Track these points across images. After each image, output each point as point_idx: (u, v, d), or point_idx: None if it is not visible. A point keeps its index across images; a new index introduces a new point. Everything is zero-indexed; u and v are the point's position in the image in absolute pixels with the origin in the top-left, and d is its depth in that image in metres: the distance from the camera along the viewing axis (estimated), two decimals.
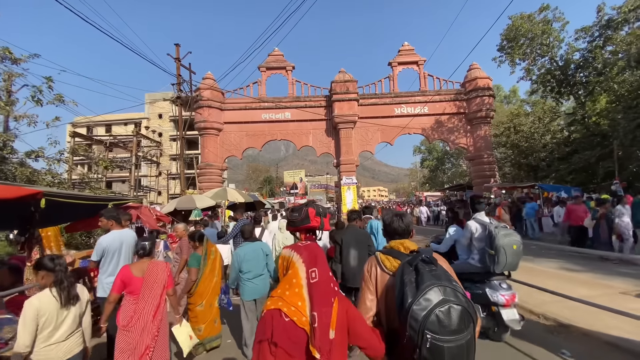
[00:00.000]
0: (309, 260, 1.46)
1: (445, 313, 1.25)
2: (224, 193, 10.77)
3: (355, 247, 4.03)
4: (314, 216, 2.69)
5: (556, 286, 4.90)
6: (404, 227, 1.76)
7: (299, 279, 1.43)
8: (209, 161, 21.48)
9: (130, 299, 2.73)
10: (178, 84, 11.20)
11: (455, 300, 1.29)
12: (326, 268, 1.50)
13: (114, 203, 4.31)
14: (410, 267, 1.41)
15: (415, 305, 1.27)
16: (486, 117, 21.70)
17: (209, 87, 21.67)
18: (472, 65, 22.58)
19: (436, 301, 1.27)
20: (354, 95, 21.41)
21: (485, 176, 21.37)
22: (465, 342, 1.27)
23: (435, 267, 1.41)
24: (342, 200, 21.12)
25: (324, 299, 1.38)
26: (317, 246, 1.60)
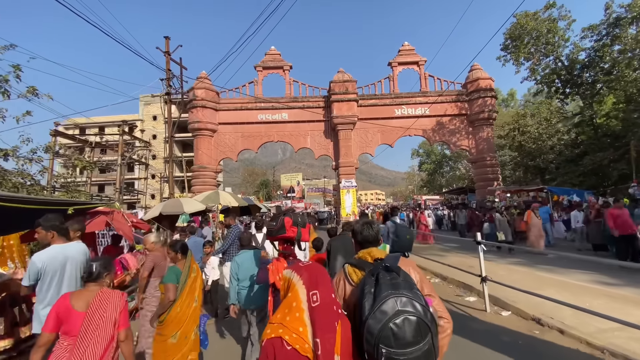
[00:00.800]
0: (309, 282, 1.38)
1: (399, 325, 1.22)
2: (216, 196, 9.98)
3: (343, 254, 4.01)
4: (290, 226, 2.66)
5: (608, 307, 4.19)
6: (374, 234, 1.73)
7: (299, 302, 1.35)
8: (202, 163, 20.65)
9: (65, 342, 1.94)
10: (167, 79, 10.44)
11: (411, 310, 1.24)
12: (329, 290, 1.41)
13: (75, 208, 3.51)
14: (372, 277, 1.37)
15: (371, 318, 1.24)
16: (489, 119, 21.14)
17: (203, 87, 20.92)
18: (473, 65, 22.06)
19: (391, 313, 1.23)
20: (354, 96, 20.76)
21: (488, 179, 20.75)
22: (422, 353, 1.23)
23: (398, 275, 1.37)
24: (341, 203, 20.36)
25: (326, 324, 1.32)
26: (318, 266, 1.50)
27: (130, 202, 34.98)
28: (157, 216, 7.62)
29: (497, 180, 20.92)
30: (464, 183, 46.45)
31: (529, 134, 15.84)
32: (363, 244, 1.73)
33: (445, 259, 7.83)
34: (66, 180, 10.30)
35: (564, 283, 5.90)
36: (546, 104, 16.71)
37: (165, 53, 10.67)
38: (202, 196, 10.21)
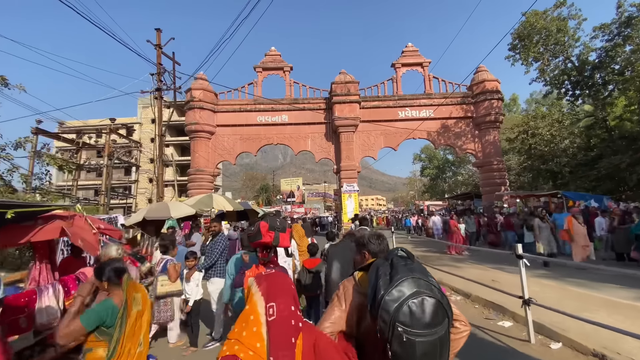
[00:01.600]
0: (267, 293, 1.26)
1: (418, 305, 1.16)
2: (209, 200, 9.25)
3: (340, 260, 3.98)
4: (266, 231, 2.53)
5: None
6: (386, 244, 1.74)
7: (257, 315, 1.24)
8: (199, 166, 19.95)
9: None
10: (158, 74, 9.76)
11: (429, 292, 1.19)
12: (288, 302, 1.27)
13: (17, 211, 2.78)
14: (387, 262, 1.33)
15: (388, 295, 1.18)
16: (495, 122, 20.47)
17: (201, 87, 20.32)
18: (479, 67, 21.47)
19: (409, 292, 1.18)
20: (356, 97, 20.13)
21: (495, 184, 20.00)
22: (438, 337, 1.16)
23: (412, 261, 1.33)
24: (342, 209, 19.59)
25: (282, 341, 1.20)
26: (281, 275, 1.38)
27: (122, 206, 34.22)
28: (140, 221, 6.87)
29: (505, 185, 20.17)
30: (467, 188, 45.81)
31: (541, 136, 15.13)
32: (377, 255, 1.68)
33: (462, 271, 7.02)
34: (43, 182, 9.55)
35: (610, 302, 5.05)
36: (557, 105, 16.03)
37: (156, 46, 9.97)
38: (193, 200, 9.49)
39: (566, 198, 12.48)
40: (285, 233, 2.74)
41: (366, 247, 1.71)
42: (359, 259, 1.75)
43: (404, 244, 11.96)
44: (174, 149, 42.28)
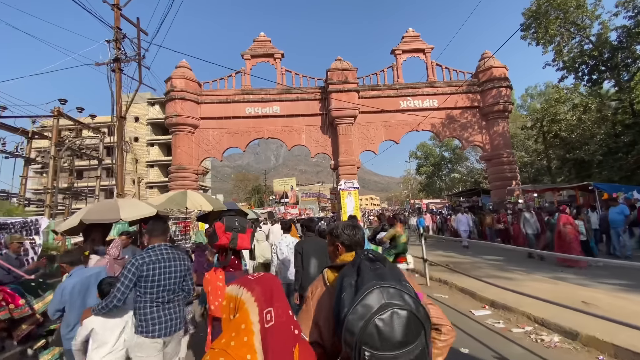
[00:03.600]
0: (263, 298, 1.13)
1: (386, 321, 0.98)
2: (182, 198, 7.38)
3: (315, 255, 4.00)
4: (222, 232, 2.63)
5: None
6: (361, 236, 1.53)
7: (249, 323, 1.10)
8: (181, 163, 17.93)
9: None
10: (116, 41, 7.82)
11: (400, 303, 1.00)
12: (285, 306, 1.16)
13: None
14: (353, 268, 1.15)
15: (351, 314, 1.00)
16: (504, 111, 18.99)
17: (183, 76, 18.34)
18: (484, 53, 19.99)
19: (376, 306, 0.99)
20: (354, 86, 18.39)
21: (505, 178, 18.49)
22: (414, 357, 0.99)
23: (383, 264, 1.14)
24: (341, 207, 17.80)
25: (281, 349, 1.06)
26: (272, 277, 1.25)
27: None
28: (75, 226, 4.95)
29: (516, 179, 18.67)
30: (464, 186, 44.61)
31: (566, 122, 13.64)
32: (351, 247, 1.49)
33: (523, 286, 5.21)
34: None
35: None
36: (575, 90, 14.63)
37: (114, 6, 7.99)
38: (163, 197, 7.58)
39: (599, 190, 10.96)
40: (245, 234, 2.65)
41: (339, 239, 1.51)
42: (332, 250, 1.56)
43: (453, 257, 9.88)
44: (159, 148, 39.95)
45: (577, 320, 3.77)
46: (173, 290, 2.51)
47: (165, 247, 2.56)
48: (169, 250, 2.57)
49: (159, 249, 2.54)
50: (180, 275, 2.54)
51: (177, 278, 2.53)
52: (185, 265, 2.61)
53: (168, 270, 2.47)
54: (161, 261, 2.47)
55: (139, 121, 39.27)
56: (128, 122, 38.82)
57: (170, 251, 2.57)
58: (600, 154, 12.24)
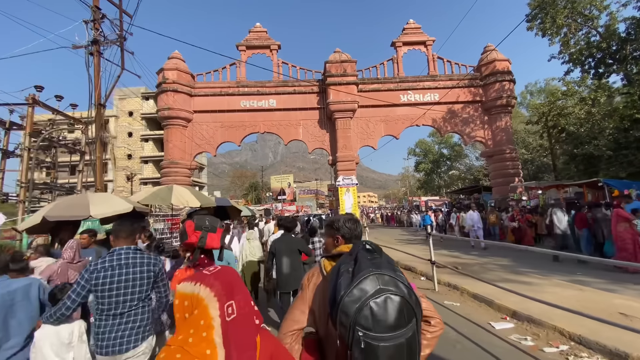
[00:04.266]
0: (224, 292, 1.09)
1: (380, 305, 1.03)
2: (167, 193, 6.80)
3: (287, 254, 4.17)
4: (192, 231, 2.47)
5: None
6: (360, 229, 1.60)
7: (208, 319, 1.04)
8: (174, 158, 17.28)
9: None
10: (94, 22, 7.13)
11: (394, 289, 1.06)
12: (247, 297, 1.13)
13: None
14: (350, 257, 1.20)
15: (347, 296, 1.04)
16: (507, 106, 18.47)
17: (175, 68, 17.64)
18: (487, 46, 19.43)
19: (371, 291, 1.04)
20: (353, 78, 17.77)
21: (507, 174, 18.01)
22: (405, 340, 1.04)
23: (379, 255, 1.20)
24: (340, 204, 17.24)
25: (245, 341, 1.06)
26: (230, 270, 1.20)
27: None
28: (38, 224, 4.35)
29: (519, 175, 18.20)
30: (463, 183, 44.20)
31: (574, 115, 13.09)
32: (350, 240, 1.51)
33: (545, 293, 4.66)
34: None
35: None
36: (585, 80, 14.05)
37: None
38: (145, 192, 6.99)
39: (609, 187, 10.46)
40: (216, 233, 2.55)
41: (340, 232, 1.54)
42: (331, 242, 1.58)
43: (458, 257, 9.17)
44: (154, 143, 39.12)
45: (621, 337, 3.18)
46: (130, 301, 2.13)
47: (128, 251, 2.20)
48: (131, 255, 2.20)
49: (119, 253, 2.17)
50: (143, 283, 2.19)
51: (138, 287, 2.17)
52: (152, 272, 2.23)
53: (125, 278, 2.12)
54: (117, 267, 2.12)
55: (133, 116, 38.40)
56: (122, 117, 38.09)
57: (133, 256, 2.20)
58: (609, 149, 11.73)
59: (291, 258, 4.18)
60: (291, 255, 4.20)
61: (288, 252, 4.21)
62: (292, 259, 4.18)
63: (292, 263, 4.15)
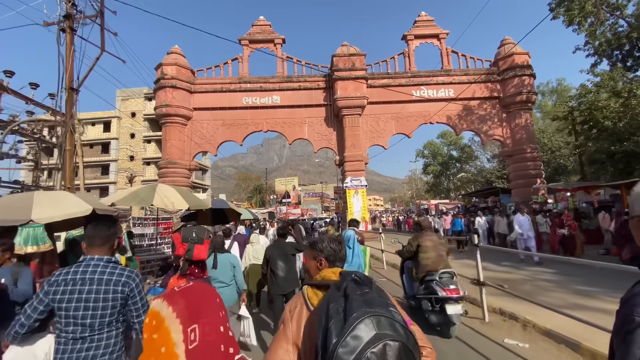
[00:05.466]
0: (187, 313, 1.03)
1: (378, 354, 0.90)
2: (149, 193, 5.77)
3: (281, 259, 4.28)
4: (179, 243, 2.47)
5: None
6: (344, 251, 1.47)
7: (170, 345, 1.00)
8: (172, 158, 16.33)
9: None
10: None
11: (392, 334, 0.94)
12: (215, 321, 1.07)
13: None
14: (338, 292, 1.06)
15: (341, 347, 0.91)
16: (527, 102, 17.23)
17: (174, 63, 16.75)
18: (504, 39, 18.24)
19: (367, 338, 0.92)
20: (362, 73, 16.68)
21: (529, 176, 16.72)
22: None
23: (369, 288, 1.07)
24: (347, 208, 16.09)
25: None
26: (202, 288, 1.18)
27: None
28: None
29: (540, 176, 16.90)
30: (475, 186, 42.71)
31: (610, 108, 11.81)
32: (334, 263, 1.40)
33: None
34: None
35: None
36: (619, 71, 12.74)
37: None
38: (123, 193, 5.96)
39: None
40: (203, 245, 2.49)
41: (323, 253, 1.41)
42: (314, 265, 1.43)
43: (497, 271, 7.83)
44: (157, 145, 38.38)
45: None
46: (94, 325, 1.76)
47: (99, 262, 1.85)
48: (100, 269, 1.83)
49: (88, 264, 1.84)
50: (108, 306, 1.78)
51: (101, 310, 1.77)
52: (124, 291, 1.82)
53: (87, 297, 1.75)
54: (81, 282, 1.78)
55: (135, 117, 37.79)
56: (124, 118, 37.49)
57: (102, 270, 1.83)
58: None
59: (285, 261, 4.29)
60: (285, 259, 4.31)
61: (281, 256, 4.32)
62: (286, 262, 4.30)
63: (286, 266, 4.28)
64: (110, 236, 1.94)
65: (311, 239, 1.72)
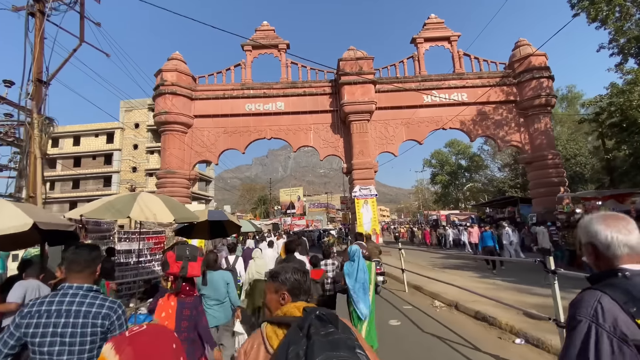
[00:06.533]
0: None
1: None
2: (127, 203, 4.90)
3: None
4: (173, 261, 2.58)
5: None
6: (309, 283, 1.32)
7: None
8: (171, 167, 15.52)
9: None
10: None
11: None
12: None
13: None
14: (300, 332, 0.96)
15: None
16: (546, 105, 16.23)
17: (175, 69, 16.15)
18: (519, 41, 17.42)
19: None
20: (370, 77, 15.88)
21: (551, 184, 15.56)
22: None
23: (335, 327, 0.98)
24: (356, 219, 15.01)
25: None
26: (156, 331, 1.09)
27: None
28: None
29: (564, 184, 15.73)
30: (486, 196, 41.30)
31: None
32: (298, 297, 1.25)
33: None
34: None
35: None
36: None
37: None
38: (97, 203, 5.03)
39: None
40: (196, 262, 2.63)
41: (286, 285, 1.25)
42: (275, 299, 1.26)
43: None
44: (159, 156, 37.87)
45: None
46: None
47: (78, 291, 1.61)
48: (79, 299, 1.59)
49: (64, 294, 1.60)
50: (86, 340, 1.55)
51: (79, 345, 1.54)
52: (102, 326, 1.57)
53: (62, 331, 1.52)
54: (56, 314, 1.55)
55: (139, 128, 37.47)
56: (128, 128, 37.19)
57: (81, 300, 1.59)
58: None
59: None
60: None
61: None
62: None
63: None
64: (92, 261, 1.76)
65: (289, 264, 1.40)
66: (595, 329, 0.89)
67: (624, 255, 1.01)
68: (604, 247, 1.03)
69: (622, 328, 0.86)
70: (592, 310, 0.92)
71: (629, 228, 1.05)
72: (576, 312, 0.95)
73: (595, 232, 1.05)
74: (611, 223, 1.06)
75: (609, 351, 0.86)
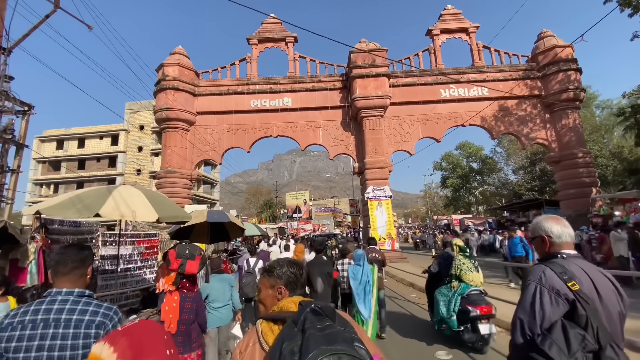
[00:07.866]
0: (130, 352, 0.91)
1: None
2: (98, 199, 4.00)
3: (319, 275, 4.23)
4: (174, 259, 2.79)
5: None
6: (305, 277, 1.29)
7: None
8: (172, 166, 14.63)
9: None
10: None
11: None
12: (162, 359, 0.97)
13: None
14: (295, 328, 0.92)
15: None
16: (574, 100, 14.98)
17: (177, 63, 15.34)
18: (542, 32, 16.25)
19: None
20: (384, 69, 14.85)
21: (582, 184, 14.26)
22: None
23: (331, 320, 0.94)
24: (370, 222, 13.87)
25: None
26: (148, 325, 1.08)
27: None
28: None
29: (596, 185, 14.42)
30: (499, 200, 39.76)
31: None
32: (295, 291, 1.23)
33: None
34: None
35: None
36: None
37: None
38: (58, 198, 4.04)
39: None
40: (194, 260, 2.77)
41: (282, 280, 1.22)
42: (271, 294, 1.23)
43: None
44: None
45: None
46: None
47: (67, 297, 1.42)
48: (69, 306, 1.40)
49: (52, 301, 1.41)
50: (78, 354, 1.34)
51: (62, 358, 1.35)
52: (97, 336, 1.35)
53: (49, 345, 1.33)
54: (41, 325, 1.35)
55: (144, 130, 36.95)
56: (133, 130, 36.66)
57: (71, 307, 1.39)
58: None
59: (321, 277, 4.26)
60: (321, 275, 4.28)
61: (321, 273, 4.29)
62: (322, 277, 4.26)
63: (322, 281, 4.24)
64: (81, 261, 1.53)
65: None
66: (539, 288, 1.32)
67: (566, 243, 1.46)
68: (556, 237, 1.46)
69: (557, 287, 1.28)
70: (538, 276, 1.35)
71: (567, 225, 1.49)
72: (528, 278, 1.40)
73: (549, 227, 1.49)
74: (558, 221, 1.50)
75: (548, 301, 1.29)
